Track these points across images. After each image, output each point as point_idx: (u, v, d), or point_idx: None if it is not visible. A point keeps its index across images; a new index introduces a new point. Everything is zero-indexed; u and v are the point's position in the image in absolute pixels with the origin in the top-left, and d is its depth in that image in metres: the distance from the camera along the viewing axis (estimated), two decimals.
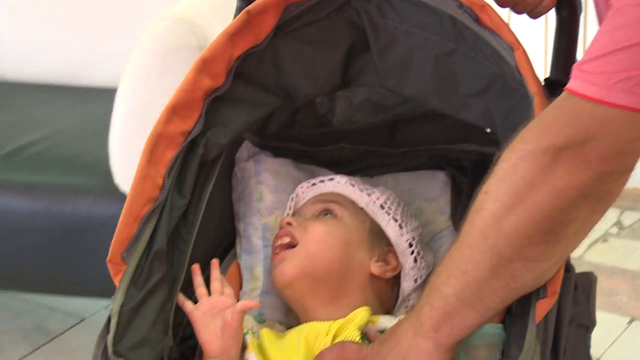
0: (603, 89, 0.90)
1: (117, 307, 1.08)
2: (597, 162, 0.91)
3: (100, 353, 1.06)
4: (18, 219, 1.94)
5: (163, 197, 1.12)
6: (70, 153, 1.99)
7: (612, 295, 2.35)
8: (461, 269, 0.98)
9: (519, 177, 0.94)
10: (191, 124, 1.16)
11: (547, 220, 0.93)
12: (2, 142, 2.02)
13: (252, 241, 1.29)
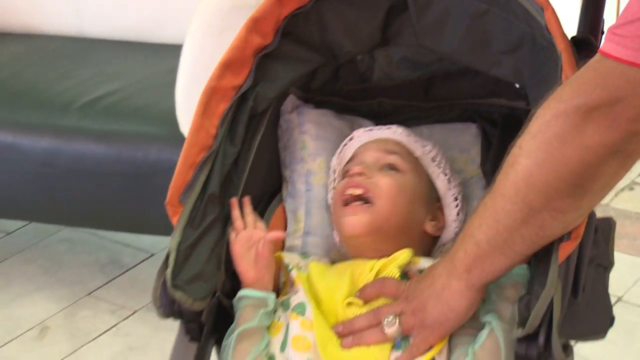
0: (635, 52, 0.87)
1: (174, 245, 1.08)
2: (626, 122, 0.89)
3: (159, 286, 1.07)
4: (94, 164, 1.96)
5: (216, 146, 1.13)
6: (141, 104, 2.00)
7: (637, 239, 2.31)
8: (494, 218, 0.98)
9: (552, 134, 0.92)
10: (242, 79, 1.16)
11: (576, 175, 0.92)
12: (80, 93, 2.04)
13: (296, 186, 1.28)
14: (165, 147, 1.93)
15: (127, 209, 2.01)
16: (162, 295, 1.07)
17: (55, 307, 2.15)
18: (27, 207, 2.09)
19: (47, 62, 2.22)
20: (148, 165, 1.94)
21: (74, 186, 2.00)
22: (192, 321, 1.09)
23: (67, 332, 2.07)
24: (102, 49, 2.30)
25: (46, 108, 2.03)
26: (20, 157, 2.00)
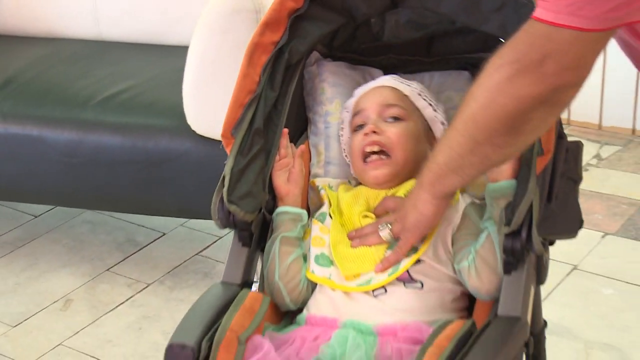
0: (555, 13, 0.92)
1: (229, 169, 1.19)
2: (552, 77, 0.95)
3: (218, 201, 1.19)
4: (111, 153, 1.97)
5: (259, 90, 1.23)
6: (152, 99, 2.00)
7: (590, 214, 2.31)
8: (449, 146, 1.07)
9: (493, 83, 0.99)
10: (279, 36, 1.25)
11: (511, 118, 0.99)
12: (98, 90, 2.04)
13: (317, 125, 1.37)
14: (174, 137, 1.93)
15: (141, 193, 2.01)
16: (219, 210, 1.19)
17: (77, 282, 2.16)
18: (52, 192, 2.09)
19: (68, 63, 2.21)
20: (159, 154, 1.94)
21: (93, 173, 2.00)
22: (244, 230, 1.21)
23: (88, 304, 2.08)
24: (118, 51, 2.29)
25: (68, 104, 2.02)
26: (45, 148, 2.01)
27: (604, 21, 0.92)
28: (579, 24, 0.91)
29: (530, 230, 1.09)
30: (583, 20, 0.91)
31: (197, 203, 1.99)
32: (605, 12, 0.91)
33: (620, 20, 0.92)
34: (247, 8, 1.80)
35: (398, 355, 1.09)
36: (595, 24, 0.92)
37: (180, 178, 1.97)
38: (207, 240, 2.33)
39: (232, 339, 1.08)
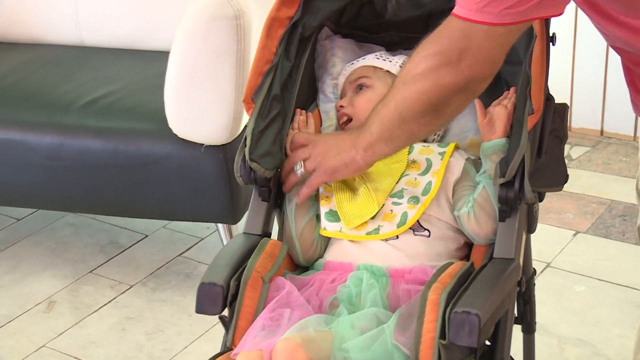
0: (467, 10, 1.03)
1: (250, 130, 1.28)
2: (468, 69, 1.08)
3: (240, 159, 1.28)
4: (93, 157, 1.97)
5: (276, 60, 1.33)
6: (134, 103, 2.00)
7: (561, 213, 2.36)
8: (380, 119, 1.20)
9: (418, 71, 1.12)
10: (294, 11, 1.34)
11: (433, 102, 1.13)
12: (80, 95, 2.04)
13: (327, 94, 1.46)
14: (155, 141, 1.94)
15: (123, 196, 2.01)
16: (242, 167, 1.28)
17: (60, 284, 2.16)
18: (34, 196, 2.09)
19: (51, 68, 2.22)
20: (141, 158, 1.95)
21: (76, 177, 2.00)
22: (263, 186, 1.30)
23: (72, 306, 2.09)
24: (99, 56, 2.30)
25: (50, 108, 2.03)
26: (28, 152, 2.01)
27: (507, 16, 1.02)
28: (488, 19, 1.02)
29: (522, 181, 1.19)
30: (489, 16, 1.02)
31: (179, 205, 2.00)
32: (506, 8, 1.01)
33: (524, 15, 1.02)
34: (227, 15, 1.82)
35: (407, 295, 1.19)
36: (500, 19, 1.02)
37: (162, 181, 1.98)
38: (189, 241, 2.35)
39: (257, 278, 1.19)
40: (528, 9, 1.00)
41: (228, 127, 1.89)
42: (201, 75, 1.86)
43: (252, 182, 1.29)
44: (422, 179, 1.29)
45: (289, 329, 1.11)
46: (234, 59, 1.84)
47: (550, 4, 1.01)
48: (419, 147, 1.33)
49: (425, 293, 1.10)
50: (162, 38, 2.27)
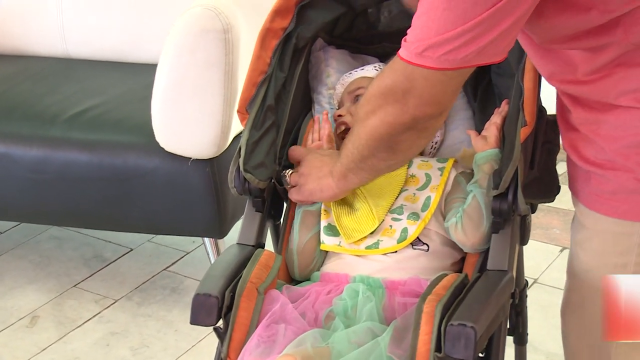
0: (409, 52, 1.03)
1: (244, 141, 1.28)
2: (412, 108, 1.07)
3: (234, 170, 1.28)
4: (79, 170, 1.95)
5: (270, 71, 1.33)
6: (120, 116, 1.99)
7: (548, 229, 2.36)
8: (347, 154, 1.21)
9: (369, 109, 1.12)
10: (287, 22, 1.35)
11: (384, 139, 1.13)
12: (66, 107, 2.02)
13: (322, 105, 1.46)
14: (142, 154, 1.93)
15: (108, 209, 2.00)
16: (236, 178, 1.28)
17: (44, 298, 2.13)
18: (18, 209, 2.07)
19: (36, 80, 2.20)
20: (127, 171, 1.93)
21: (60, 190, 1.98)
22: (257, 197, 1.30)
23: (55, 320, 2.06)
24: (85, 68, 2.28)
25: (35, 120, 2.01)
26: (12, 164, 1.99)
27: (445, 62, 1.01)
28: (427, 63, 1.01)
29: (516, 193, 1.18)
30: (429, 60, 1.01)
31: (165, 219, 1.99)
32: (444, 54, 1.00)
33: (463, 62, 1.01)
34: (216, 28, 1.81)
35: (403, 308, 1.19)
36: (439, 64, 1.01)
37: (148, 194, 1.96)
38: (175, 255, 2.33)
39: (252, 289, 1.19)
40: (467, 56, 0.99)
41: (215, 141, 1.88)
42: (189, 88, 1.85)
43: (246, 192, 1.29)
44: (421, 194, 1.29)
45: (287, 346, 1.10)
46: (222, 73, 1.83)
47: (491, 52, 1.00)
48: (418, 162, 1.33)
49: (420, 305, 1.10)
50: (148, 50, 2.25)
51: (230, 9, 1.84)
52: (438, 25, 0.98)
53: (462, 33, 0.97)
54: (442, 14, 0.98)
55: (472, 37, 0.98)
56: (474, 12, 0.96)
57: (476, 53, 0.99)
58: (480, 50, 0.99)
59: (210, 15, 1.81)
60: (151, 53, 2.20)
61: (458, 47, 0.99)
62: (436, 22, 0.99)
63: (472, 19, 0.96)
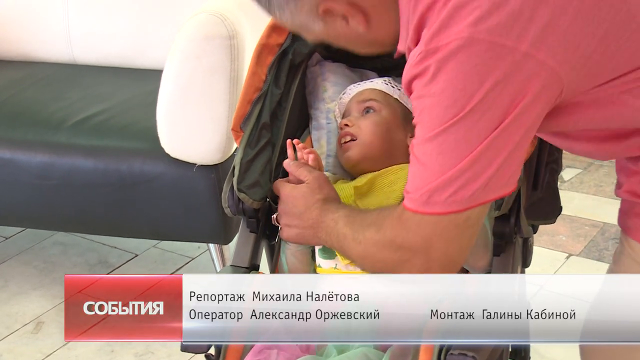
0: (415, 203, 0.98)
1: (238, 159, 1.25)
2: (439, 259, 1.00)
3: (228, 190, 1.25)
4: (84, 176, 1.95)
5: (266, 87, 1.30)
6: (125, 122, 1.99)
7: (554, 235, 2.35)
8: (339, 243, 1.13)
9: (380, 258, 1.05)
10: (284, 38, 1.31)
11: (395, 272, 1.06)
12: (72, 113, 2.03)
13: (319, 121, 1.43)
14: (147, 160, 1.93)
15: (113, 215, 1.99)
16: (229, 197, 1.25)
17: (49, 304, 2.13)
18: (23, 215, 2.07)
19: (42, 86, 2.20)
20: (132, 177, 1.93)
21: (66, 196, 1.98)
22: (252, 217, 1.27)
23: (60, 327, 2.05)
24: (91, 74, 2.28)
25: (41, 126, 2.01)
26: (18, 170, 1.99)
27: (454, 204, 0.96)
28: (436, 210, 0.97)
29: (518, 214, 1.15)
30: (437, 206, 0.96)
31: (170, 225, 1.99)
32: (449, 196, 0.95)
33: (473, 201, 0.96)
34: (221, 34, 1.81)
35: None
36: (448, 207, 0.96)
37: (153, 200, 1.97)
38: (180, 261, 2.33)
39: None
40: (474, 194, 0.95)
41: (221, 147, 1.88)
42: (194, 94, 1.85)
43: (241, 213, 1.25)
44: None
45: None
46: (228, 79, 1.83)
47: (499, 184, 0.96)
48: None
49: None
50: (154, 56, 2.26)
51: (235, 15, 1.84)
52: (436, 170, 0.95)
53: (462, 171, 0.94)
54: (436, 158, 0.95)
55: (475, 174, 0.94)
56: (468, 149, 0.93)
57: (482, 188, 0.95)
58: (485, 185, 0.95)
59: (216, 22, 1.81)
60: (157, 59, 2.21)
61: (463, 186, 0.95)
62: (433, 167, 0.95)
63: (466, 155, 0.93)
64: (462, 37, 0.89)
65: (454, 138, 0.93)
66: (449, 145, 0.94)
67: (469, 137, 0.92)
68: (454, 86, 0.91)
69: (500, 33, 0.89)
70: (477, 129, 0.92)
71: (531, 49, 0.89)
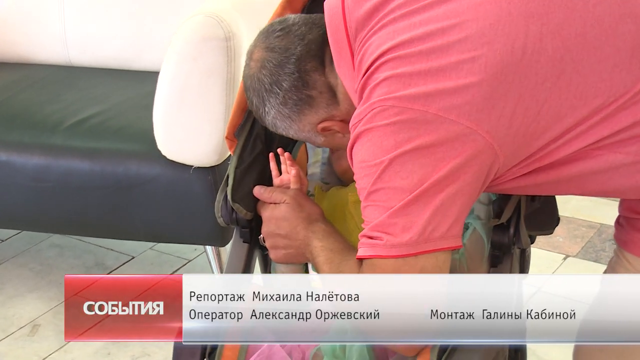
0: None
1: (232, 168, 1.23)
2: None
3: (221, 200, 1.23)
4: (80, 178, 1.95)
5: None
6: (122, 124, 1.99)
7: (551, 237, 2.35)
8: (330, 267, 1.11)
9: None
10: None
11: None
12: (67, 115, 2.02)
13: None
14: (143, 162, 1.92)
15: (109, 217, 1.99)
16: (223, 207, 1.23)
17: (45, 307, 2.13)
18: (20, 217, 2.07)
19: (38, 88, 2.20)
20: (128, 179, 1.93)
21: (62, 198, 1.98)
22: (245, 227, 1.25)
23: (56, 329, 2.05)
24: (87, 76, 2.28)
25: (37, 129, 2.00)
26: (14, 173, 1.98)
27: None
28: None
29: (518, 224, 1.15)
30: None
31: (167, 227, 1.98)
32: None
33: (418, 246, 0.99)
34: (218, 36, 1.81)
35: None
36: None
37: (150, 202, 1.96)
38: (176, 263, 2.32)
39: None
40: (408, 243, 1.00)
41: (217, 149, 1.88)
42: (191, 96, 1.85)
43: (234, 223, 1.24)
44: None
45: None
46: (224, 81, 1.83)
47: (435, 235, 1.00)
48: None
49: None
50: (150, 58, 2.25)
51: (232, 16, 1.84)
52: (374, 218, 0.99)
53: (391, 220, 0.98)
54: (373, 211, 1.00)
55: (404, 223, 0.98)
56: (396, 200, 0.98)
57: (418, 237, 0.99)
58: (420, 233, 0.98)
59: (212, 23, 1.81)
60: (153, 61, 2.20)
61: (404, 229, 0.98)
62: (371, 219, 1.00)
63: (395, 204, 0.98)
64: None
65: (383, 195, 0.98)
66: (378, 202, 0.99)
67: (393, 193, 0.98)
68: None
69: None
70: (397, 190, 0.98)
71: (441, 112, 0.95)
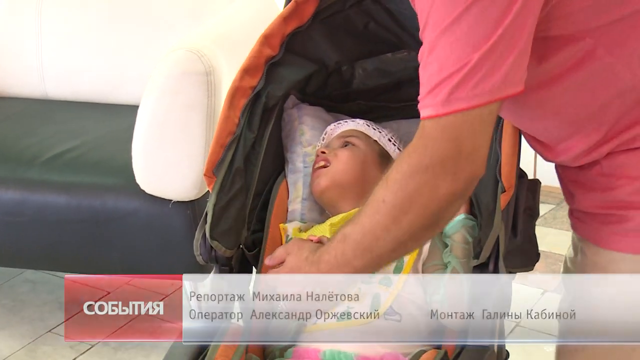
0: (434, 107, 0.96)
1: (211, 206, 1.22)
2: (464, 172, 0.98)
3: (200, 238, 1.22)
4: (57, 212, 1.94)
5: (239, 131, 1.28)
6: (100, 158, 1.99)
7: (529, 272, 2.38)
8: (365, 248, 1.06)
9: (412, 189, 1.00)
10: (257, 80, 1.31)
11: (433, 216, 1.01)
12: (44, 149, 2.02)
13: (296, 164, 1.43)
14: (121, 196, 1.93)
15: (86, 252, 1.98)
16: (202, 245, 1.22)
17: (17, 344, 2.10)
18: None
19: (14, 122, 2.20)
20: (106, 213, 1.93)
21: (38, 233, 1.97)
22: (224, 265, 1.23)
23: None
24: (64, 110, 2.28)
25: (12, 162, 2.00)
26: None
27: (475, 98, 0.94)
28: (459, 106, 0.95)
29: (497, 261, 1.15)
30: (460, 102, 0.94)
31: (145, 262, 1.98)
32: (471, 90, 0.94)
33: (493, 94, 0.95)
34: (198, 70, 1.83)
35: None
36: (471, 101, 0.94)
37: (128, 237, 1.96)
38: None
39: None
40: (494, 86, 0.94)
41: (197, 183, 1.88)
42: (171, 130, 1.86)
43: (213, 260, 1.23)
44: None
45: None
46: (204, 115, 1.85)
47: (516, 77, 0.96)
48: None
49: None
50: (127, 92, 2.27)
51: (212, 51, 1.86)
52: (453, 63, 0.93)
53: (482, 61, 0.93)
54: (452, 51, 0.94)
55: (493, 63, 0.93)
56: (484, 36, 0.92)
57: (502, 81, 0.94)
58: (505, 77, 0.94)
59: (193, 58, 1.83)
60: (130, 94, 2.22)
61: (484, 78, 0.93)
62: (449, 61, 0.93)
63: (483, 43, 0.92)
64: None
65: (467, 25, 0.91)
66: (462, 34, 0.92)
67: (482, 23, 0.91)
68: None
69: None
70: (489, 14, 0.91)
71: None
